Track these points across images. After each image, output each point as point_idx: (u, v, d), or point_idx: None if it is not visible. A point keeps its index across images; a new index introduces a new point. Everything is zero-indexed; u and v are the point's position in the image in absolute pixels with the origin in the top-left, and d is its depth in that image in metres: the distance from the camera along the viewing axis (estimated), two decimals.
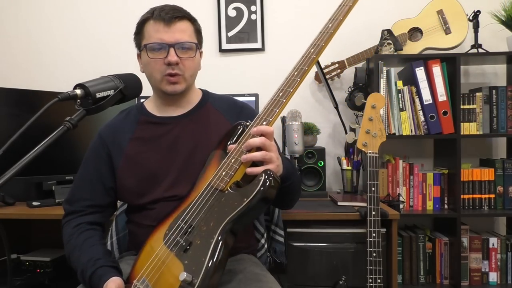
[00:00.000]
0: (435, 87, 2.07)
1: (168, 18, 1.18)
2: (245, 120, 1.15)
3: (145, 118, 1.29)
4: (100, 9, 2.53)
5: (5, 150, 0.81)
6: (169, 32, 1.18)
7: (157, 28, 1.18)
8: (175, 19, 1.19)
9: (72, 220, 1.24)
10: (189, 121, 1.27)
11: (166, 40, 1.18)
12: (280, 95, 1.07)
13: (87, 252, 1.14)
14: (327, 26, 1.17)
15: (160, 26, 1.18)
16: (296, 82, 1.07)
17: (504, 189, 2.13)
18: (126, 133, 1.27)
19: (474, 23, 2.19)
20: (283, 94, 1.06)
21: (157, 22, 1.19)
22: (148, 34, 1.20)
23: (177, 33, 1.19)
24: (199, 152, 1.22)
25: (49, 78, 2.52)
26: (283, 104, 1.05)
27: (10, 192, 2.06)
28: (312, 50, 1.13)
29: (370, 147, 1.51)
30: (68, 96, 0.93)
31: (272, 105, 1.06)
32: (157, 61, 1.19)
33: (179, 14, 1.20)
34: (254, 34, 2.46)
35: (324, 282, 1.73)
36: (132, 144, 1.25)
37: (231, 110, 1.31)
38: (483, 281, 2.12)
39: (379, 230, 1.51)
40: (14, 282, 1.92)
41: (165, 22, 1.18)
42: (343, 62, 2.32)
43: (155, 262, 1.03)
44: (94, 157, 1.27)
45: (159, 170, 1.22)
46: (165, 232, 1.07)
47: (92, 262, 1.11)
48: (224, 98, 1.37)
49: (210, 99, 1.34)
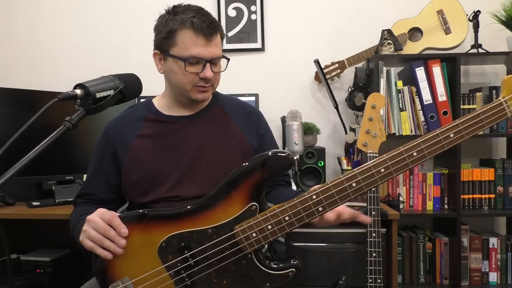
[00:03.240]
0: (435, 87, 2.07)
1: (210, 33, 1.14)
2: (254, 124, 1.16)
3: (153, 116, 1.27)
4: (100, 9, 2.53)
5: (5, 150, 0.81)
6: (208, 47, 1.15)
7: (197, 42, 1.13)
8: (214, 34, 1.15)
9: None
10: (197, 121, 1.27)
11: (204, 55, 1.14)
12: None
13: (81, 216, 1.13)
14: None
15: (201, 40, 1.13)
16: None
17: (504, 189, 2.13)
18: (132, 130, 1.26)
19: (474, 23, 2.19)
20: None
21: (198, 35, 1.13)
22: (184, 45, 1.14)
23: (213, 48, 1.16)
24: (204, 154, 1.22)
25: (49, 78, 2.52)
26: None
27: (10, 192, 2.06)
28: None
29: (370, 147, 1.51)
30: (68, 96, 0.92)
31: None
32: (192, 74, 1.16)
33: (216, 28, 1.16)
34: (254, 34, 2.46)
35: (324, 282, 1.73)
36: (137, 141, 1.24)
37: (239, 113, 1.31)
38: (483, 281, 2.12)
39: (379, 230, 1.51)
40: (14, 282, 1.91)
41: (207, 38, 1.14)
42: (343, 62, 2.32)
43: (151, 281, 1.00)
44: (98, 154, 1.28)
45: (163, 169, 1.21)
46: (161, 244, 1.00)
47: (79, 215, 1.14)
48: (234, 101, 1.36)
49: (220, 101, 1.33)
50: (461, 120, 0.89)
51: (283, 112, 2.25)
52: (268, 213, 0.96)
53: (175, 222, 1.00)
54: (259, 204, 0.97)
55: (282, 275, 0.97)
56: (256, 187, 0.97)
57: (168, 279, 0.99)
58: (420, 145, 0.90)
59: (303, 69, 2.43)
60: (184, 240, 0.99)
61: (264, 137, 1.33)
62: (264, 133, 1.33)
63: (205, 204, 1.00)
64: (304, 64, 2.41)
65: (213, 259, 0.98)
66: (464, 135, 0.89)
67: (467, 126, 0.89)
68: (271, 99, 2.43)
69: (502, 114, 0.89)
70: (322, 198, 0.93)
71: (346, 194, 0.93)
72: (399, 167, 0.91)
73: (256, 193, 0.97)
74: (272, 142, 1.37)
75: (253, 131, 1.30)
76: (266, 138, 1.34)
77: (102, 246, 0.99)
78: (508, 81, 0.89)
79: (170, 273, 0.99)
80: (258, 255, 0.98)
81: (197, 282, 0.98)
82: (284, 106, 2.30)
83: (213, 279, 0.98)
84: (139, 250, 1.00)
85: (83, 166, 2.14)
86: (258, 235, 0.96)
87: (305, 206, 0.94)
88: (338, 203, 0.94)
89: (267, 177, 0.97)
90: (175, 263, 0.99)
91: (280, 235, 0.96)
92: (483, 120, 0.89)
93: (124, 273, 1.00)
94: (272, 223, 0.95)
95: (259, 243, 0.96)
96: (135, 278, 1.00)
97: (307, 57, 2.39)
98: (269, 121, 1.46)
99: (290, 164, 0.97)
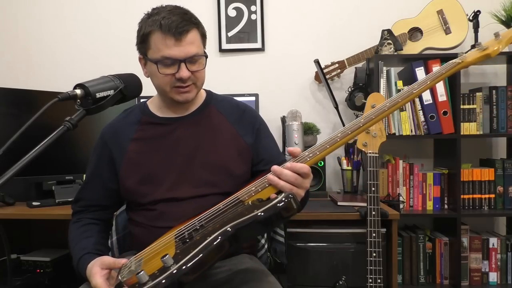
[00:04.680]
0: (435, 87, 2.07)
1: (178, 32, 1.11)
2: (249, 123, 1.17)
3: (147, 118, 1.28)
4: (100, 9, 2.53)
5: (5, 150, 0.81)
6: (180, 47, 1.13)
7: (166, 43, 1.12)
8: (184, 32, 1.12)
9: (75, 218, 1.28)
10: (191, 122, 1.27)
11: (176, 55, 1.13)
12: (323, 145, 1.06)
13: (80, 242, 1.18)
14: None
15: (170, 41, 1.12)
16: (336, 141, 1.06)
17: (504, 189, 2.13)
18: (127, 133, 1.26)
19: (474, 23, 2.19)
20: (323, 144, 1.06)
21: (167, 36, 1.12)
22: (156, 47, 1.14)
23: (187, 47, 1.13)
24: (200, 154, 1.22)
25: (49, 78, 2.52)
26: (316, 156, 1.05)
27: (10, 192, 2.06)
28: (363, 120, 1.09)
29: (370, 147, 1.51)
30: (68, 96, 0.93)
31: (315, 149, 1.06)
32: (167, 75, 1.16)
33: (188, 26, 1.13)
34: (254, 34, 2.46)
35: (324, 282, 1.73)
36: (133, 144, 1.25)
37: (233, 113, 1.31)
38: (483, 281, 2.12)
39: (379, 230, 1.50)
40: (14, 282, 1.92)
41: (176, 37, 1.12)
42: (343, 62, 2.32)
43: (156, 246, 1.04)
44: (96, 159, 1.29)
45: (159, 171, 1.22)
46: (181, 227, 1.07)
47: (81, 250, 1.14)
48: (227, 100, 1.35)
49: (213, 101, 1.33)
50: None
51: (283, 112, 2.25)
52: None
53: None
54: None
55: (271, 199, 0.95)
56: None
57: (171, 240, 1.02)
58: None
59: (303, 69, 2.43)
60: (198, 219, 1.06)
61: (259, 130, 1.31)
62: (260, 127, 1.31)
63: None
64: (304, 64, 2.41)
65: (214, 216, 1.04)
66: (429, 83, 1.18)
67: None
68: (271, 99, 2.43)
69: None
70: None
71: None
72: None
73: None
74: (268, 140, 1.34)
75: (248, 129, 1.29)
76: (261, 133, 1.31)
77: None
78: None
79: (175, 239, 1.03)
80: (253, 201, 1.01)
81: (192, 234, 1.01)
82: (284, 106, 2.31)
83: (208, 228, 0.99)
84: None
85: (83, 166, 2.13)
86: (255, 185, 1.04)
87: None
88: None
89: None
90: (183, 232, 1.04)
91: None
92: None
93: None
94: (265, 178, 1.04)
95: (255, 191, 1.03)
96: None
97: (307, 57, 2.38)
98: (269, 121, 1.46)
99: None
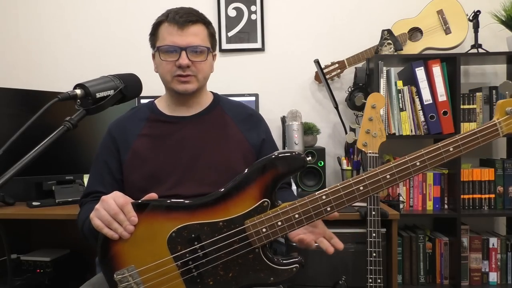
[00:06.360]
0: (435, 87, 2.07)
1: (182, 21, 1.20)
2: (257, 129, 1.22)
3: (155, 116, 1.30)
4: (100, 9, 2.53)
5: (5, 150, 0.81)
6: (182, 36, 1.20)
7: (171, 31, 1.21)
8: (188, 23, 1.21)
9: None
10: (198, 122, 1.29)
11: (178, 43, 1.20)
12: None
13: (90, 208, 1.09)
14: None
15: (174, 29, 1.20)
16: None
17: (504, 189, 2.13)
18: (134, 129, 1.28)
19: (474, 23, 2.19)
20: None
21: (171, 25, 1.21)
22: (162, 36, 1.23)
23: (189, 37, 1.21)
24: (204, 154, 1.24)
25: (50, 78, 2.52)
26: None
27: (10, 192, 2.06)
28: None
29: (370, 147, 1.51)
30: (68, 96, 0.93)
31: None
32: (169, 63, 1.22)
33: (193, 18, 1.22)
34: (254, 34, 2.46)
35: (324, 282, 1.73)
36: (139, 140, 1.26)
37: (240, 116, 1.34)
38: (483, 281, 2.12)
39: (379, 230, 1.51)
40: (14, 282, 1.92)
41: (179, 26, 1.20)
42: (343, 62, 2.32)
43: (157, 271, 1.00)
44: (104, 152, 1.30)
45: (163, 168, 1.23)
46: (171, 234, 1.00)
47: (90, 211, 1.08)
48: (234, 103, 1.39)
49: (221, 103, 1.36)
50: (460, 136, 0.99)
51: (283, 112, 2.25)
52: (279, 210, 0.99)
53: (187, 214, 1.01)
54: (271, 201, 1.00)
55: (287, 270, 1.01)
56: (270, 184, 1.00)
57: (174, 270, 1.00)
58: (423, 155, 0.99)
59: (303, 69, 2.43)
60: (194, 231, 1.00)
61: (265, 141, 1.34)
62: (265, 137, 1.35)
63: (217, 197, 1.02)
64: (304, 64, 2.41)
65: (222, 251, 0.99)
66: (462, 150, 0.99)
67: (465, 142, 0.99)
68: (271, 99, 2.43)
69: (495, 134, 1.00)
70: (331, 199, 0.99)
71: (353, 196, 0.99)
72: (403, 174, 0.99)
73: (269, 190, 1.00)
74: (273, 146, 1.39)
75: (253, 132, 1.32)
76: (267, 142, 1.36)
77: (109, 227, 0.99)
78: (502, 105, 1.00)
79: (177, 263, 1.00)
80: (265, 250, 1.01)
81: (204, 274, 0.99)
82: (284, 106, 2.31)
83: (219, 271, 1.00)
84: (147, 239, 1.00)
85: (83, 166, 2.14)
86: (268, 230, 0.99)
87: (315, 205, 0.99)
88: (346, 205, 0.99)
89: (282, 175, 1.00)
90: (184, 254, 1.00)
91: (288, 231, 1.00)
92: (479, 138, 0.99)
93: (131, 261, 1.00)
94: (282, 220, 0.99)
95: (268, 238, 0.99)
96: (141, 267, 1.00)
97: (307, 57, 2.39)
98: (269, 121, 1.46)
99: (303, 165, 1.01)
